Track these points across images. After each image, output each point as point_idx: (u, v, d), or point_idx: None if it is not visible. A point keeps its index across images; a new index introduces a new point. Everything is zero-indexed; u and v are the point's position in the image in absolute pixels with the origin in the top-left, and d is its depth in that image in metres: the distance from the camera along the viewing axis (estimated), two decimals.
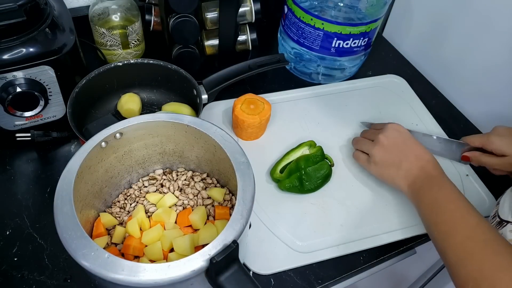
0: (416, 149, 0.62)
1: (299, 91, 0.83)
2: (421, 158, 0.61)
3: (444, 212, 0.54)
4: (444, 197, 0.55)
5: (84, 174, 0.47)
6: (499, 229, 0.53)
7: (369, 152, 0.66)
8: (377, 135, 0.65)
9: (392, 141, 0.63)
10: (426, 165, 0.60)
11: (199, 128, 0.51)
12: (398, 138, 0.64)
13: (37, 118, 0.66)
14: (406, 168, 0.61)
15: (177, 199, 0.56)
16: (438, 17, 0.87)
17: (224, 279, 0.40)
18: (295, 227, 0.62)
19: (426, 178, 0.59)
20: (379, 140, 0.64)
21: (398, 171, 0.61)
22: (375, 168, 0.65)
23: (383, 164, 0.63)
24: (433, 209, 0.55)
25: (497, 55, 0.76)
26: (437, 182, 0.58)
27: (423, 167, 0.60)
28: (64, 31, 0.64)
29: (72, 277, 0.55)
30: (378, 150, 0.64)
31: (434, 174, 0.59)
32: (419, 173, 0.60)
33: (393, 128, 0.65)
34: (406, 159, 0.61)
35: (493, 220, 0.56)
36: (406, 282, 1.07)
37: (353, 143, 0.71)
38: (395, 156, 0.62)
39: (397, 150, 0.63)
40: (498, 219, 0.54)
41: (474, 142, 0.69)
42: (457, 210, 0.53)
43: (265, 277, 0.57)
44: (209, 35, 0.81)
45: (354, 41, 0.78)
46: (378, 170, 0.64)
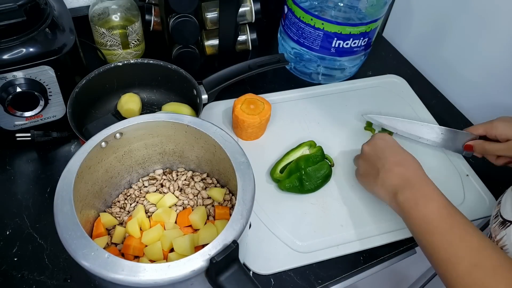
0: (398, 155, 0.57)
1: (299, 91, 0.83)
2: (401, 164, 0.56)
3: (438, 233, 0.49)
4: (434, 213, 0.50)
5: (84, 174, 0.47)
6: (502, 230, 0.53)
7: (356, 164, 0.65)
8: (363, 146, 0.63)
9: (374, 150, 0.60)
10: (406, 172, 0.55)
11: (199, 128, 0.51)
12: (381, 146, 0.60)
13: (37, 118, 0.66)
14: (383, 176, 0.56)
15: (177, 199, 0.56)
16: (438, 17, 0.87)
17: (224, 279, 0.40)
18: (295, 227, 0.62)
19: (409, 189, 0.53)
20: (363, 151, 0.63)
21: (375, 180, 0.57)
22: (360, 180, 0.63)
23: (364, 175, 0.61)
24: (424, 228, 0.50)
25: (497, 55, 0.76)
26: (422, 193, 0.52)
27: (402, 174, 0.55)
28: (64, 31, 0.64)
29: (72, 277, 0.55)
30: (361, 161, 0.62)
31: (416, 183, 0.54)
32: (399, 182, 0.54)
33: (378, 137, 0.62)
34: (383, 166, 0.57)
35: (495, 220, 0.55)
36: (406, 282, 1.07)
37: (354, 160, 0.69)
38: (374, 164, 0.59)
39: (377, 158, 0.59)
40: (501, 219, 0.54)
41: (477, 130, 0.68)
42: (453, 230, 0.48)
43: (265, 277, 0.57)
44: (209, 35, 0.81)
45: (354, 41, 0.78)
46: (362, 182, 0.63)
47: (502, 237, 0.52)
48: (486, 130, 0.66)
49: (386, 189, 0.56)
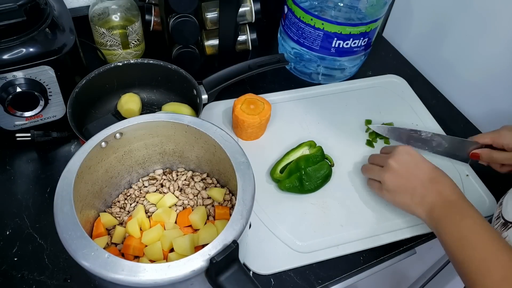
0: (431, 172, 0.58)
1: (299, 91, 0.83)
2: (437, 181, 0.56)
3: (471, 247, 0.49)
4: (469, 228, 0.51)
5: (84, 174, 0.47)
6: (504, 231, 0.53)
7: (380, 179, 0.61)
8: (387, 160, 0.60)
9: (404, 165, 0.59)
10: (443, 189, 0.56)
11: (199, 128, 0.51)
12: (410, 161, 0.59)
13: (37, 118, 0.66)
14: (421, 194, 0.56)
15: (177, 199, 0.56)
16: (438, 17, 0.87)
17: (224, 279, 0.40)
18: (295, 227, 0.62)
19: (445, 205, 0.54)
20: (389, 166, 0.60)
21: (412, 198, 0.57)
22: (388, 196, 0.61)
23: (396, 191, 0.59)
24: (458, 243, 0.51)
25: (497, 55, 0.76)
26: (458, 209, 0.54)
27: (439, 191, 0.56)
28: (64, 31, 0.64)
29: (72, 277, 0.55)
30: (389, 176, 0.59)
31: (453, 199, 0.55)
32: (436, 199, 0.55)
33: (403, 151, 0.60)
34: (421, 184, 0.57)
35: (497, 222, 0.55)
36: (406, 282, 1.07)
37: (363, 171, 0.67)
38: (408, 181, 0.58)
39: (410, 174, 0.58)
40: (503, 221, 0.54)
41: (483, 138, 0.67)
42: (485, 244, 0.49)
43: (265, 277, 0.57)
44: (209, 35, 0.81)
45: (354, 41, 0.78)
46: (392, 198, 0.60)
47: (504, 238, 0.52)
48: (493, 139, 0.66)
49: (424, 206, 0.56)
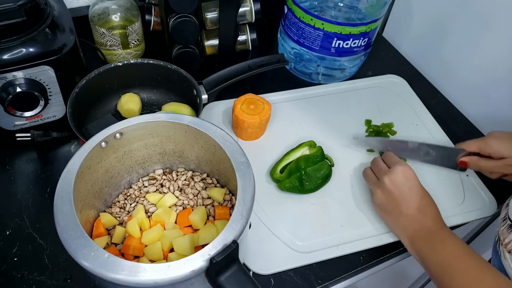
0: (420, 200, 0.58)
1: (299, 91, 0.83)
2: (423, 212, 0.57)
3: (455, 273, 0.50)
4: (451, 255, 0.52)
5: (84, 174, 0.47)
6: (511, 233, 0.52)
7: (372, 190, 0.62)
8: (383, 177, 0.60)
9: (397, 187, 0.58)
10: (425, 220, 0.56)
11: (199, 128, 0.51)
12: (404, 185, 0.58)
13: (37, 118, 0.66)
14: (405, 222, 0.57)
15: (177, 199, 0.56)
16: (438, 17, 0.87)
17: (224, 279, 0.40)
18: (295, 227, 0.62)
19: (428, 235, 0.55)
20: (383, 184, 0.59)
21: (396, 222, 0.59)
22: (376, 209, 0.62)
23: (384, 209, 0.60)
24: (441, 269, 0.52)
25: (497, 55, 0.76)
26: (440, 238, 0.54)
27: (423, 223, 0.56)
28: (64, 31, 0.64)
29: (72, 277, 0.55)
30: (380, 194, 0.60)
31: (435, 229, 0.55)
32: (419, 228, 0.56)
33: (401, 172, 0.59)
34: (407, 210, 0.57)
35: (503, 223, 0.55)
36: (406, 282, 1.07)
37: (363, 174, 0.67)
38: (396, 205, 0.58)
39: (400, 199, 0.58)
40: (510, 222, 0.53)
41: (470, 146, 0.67)
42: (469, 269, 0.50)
43: (265, 277, 0.57)
44: (209, 35, 0.81)
45: (354, 41, 0.78)
46: (379, 212, 0.62)
47: (511, 240, 0.52)
48: (479, 147, 0.66)
49: (405, 232, 0.57)
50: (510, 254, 0.52)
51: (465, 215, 0.66)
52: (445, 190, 0.68)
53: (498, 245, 0.55)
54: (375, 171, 0.63)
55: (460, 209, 0.66)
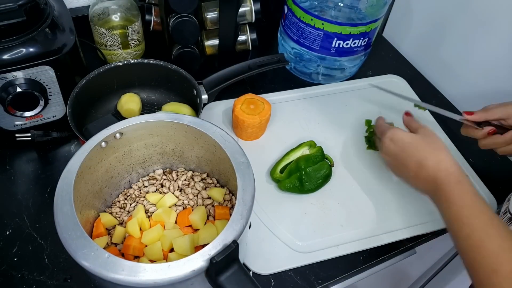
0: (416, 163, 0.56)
1: (299, 91, 0.83)
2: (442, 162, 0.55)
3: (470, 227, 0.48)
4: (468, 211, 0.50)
5: (84, 174, 0.47)
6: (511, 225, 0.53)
7: (382, 140, 0.62)
8: (382, 138, 0.61)
9: (392, 156, 0.60)
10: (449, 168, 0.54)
11: (199, 128, 0.51)
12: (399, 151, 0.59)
13: (37, 118, 0.66)
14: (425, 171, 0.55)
15: (177, 199, 0.56)
16: (438, 17, 0.87)
17: (224, 279, 0.40)
18: (295, 227, 0.62)
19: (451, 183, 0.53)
20: (383, 148, 0.61)
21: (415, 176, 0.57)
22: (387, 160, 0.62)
23: (396, 164, 0.60)
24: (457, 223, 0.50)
25: (497, 55, 0.76)
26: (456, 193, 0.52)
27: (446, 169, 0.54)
28: (64, 31, 0.64)
29: (72, 277, 0.55)
30: (386, 159, 0.61)
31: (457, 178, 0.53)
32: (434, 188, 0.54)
33: (388, 140, 0.60)
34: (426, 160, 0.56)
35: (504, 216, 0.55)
36: (406, 282, 1.07)
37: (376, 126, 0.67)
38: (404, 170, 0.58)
39: (400, 164, 0.59)
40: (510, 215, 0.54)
41: (493, 114, 0.64)
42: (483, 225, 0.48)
43: (265, 277, 0.57)
44: (209, 35, 0.81)
45: (354, 41, 0.78)
46: (391, 167, 0.62)
47: None
48: (486, 116, 0.64)
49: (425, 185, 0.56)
50: None
51: None
52: None
53: None
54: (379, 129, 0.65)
55: None
